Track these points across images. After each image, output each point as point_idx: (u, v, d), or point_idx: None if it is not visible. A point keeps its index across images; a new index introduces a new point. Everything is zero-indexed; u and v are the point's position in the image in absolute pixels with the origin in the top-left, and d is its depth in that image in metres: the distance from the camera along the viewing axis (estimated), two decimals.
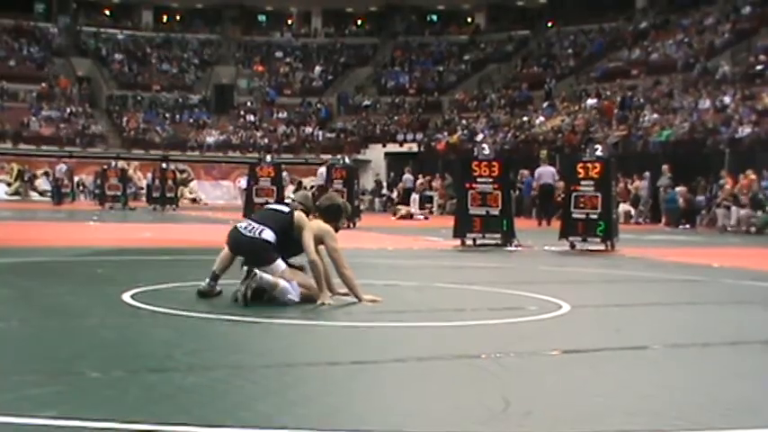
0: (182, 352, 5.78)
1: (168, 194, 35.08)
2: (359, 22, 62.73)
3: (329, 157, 38.46)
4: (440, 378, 5.30)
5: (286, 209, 8.61)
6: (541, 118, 42.46)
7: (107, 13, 60.94)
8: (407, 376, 5.35)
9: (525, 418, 4.37)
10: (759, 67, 35.39)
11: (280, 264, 8.09)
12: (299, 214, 8.40)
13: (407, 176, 37.68)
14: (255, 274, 7.81)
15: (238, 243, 8.28)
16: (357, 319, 7.44)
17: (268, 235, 8.17)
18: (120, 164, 38.59)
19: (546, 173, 27.34)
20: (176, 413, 4.23)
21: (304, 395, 4.68)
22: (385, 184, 43.46)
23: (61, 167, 40.00)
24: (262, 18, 62.89)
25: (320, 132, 52.05)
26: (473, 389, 4.98)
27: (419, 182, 35.88)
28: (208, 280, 8.31)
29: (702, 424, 4.31)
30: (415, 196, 33.54)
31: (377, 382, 5.16)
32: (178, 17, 61.72)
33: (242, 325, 7.03)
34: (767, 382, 5.44)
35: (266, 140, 50.47)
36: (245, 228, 8.30)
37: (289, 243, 8.23)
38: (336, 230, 8.40)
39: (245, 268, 7.97)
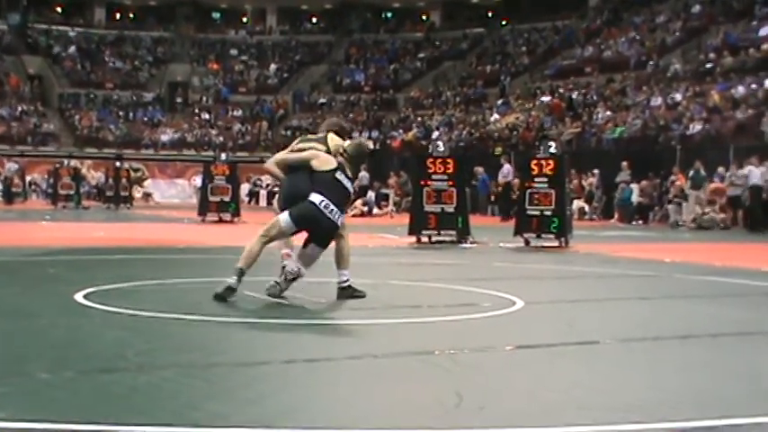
0: (134, 352, 5.73)
1: (122, 193, 34.79)
2: (314, 19, 62.61)
3: None
4: (394, 375, 5.31)
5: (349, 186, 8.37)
6: (496, 115, 42.66)
7: (58, 10, 60.22)
8: (362, 373, 5.36)
9: (478, 413, 4.40)
10: (709, 65, 35.81)
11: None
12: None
13: (363, 174, 37.67)
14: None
15: (318, 221, 7.94)
16: (312, 316, 7.43)
17: (341, 220, 8.12)
18: (74, 163, 38.21)
19: (511, 170, 27.78)
20: (128, 413, 4.19)
21: (258, 394, 4.67)
22: None
23: (11, 166, 39.53)
24: (216, 15, 62.56)
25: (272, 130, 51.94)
26: (427, 385, 5.00)
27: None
28: (235, 278, 7.90)
29: (654, 416, 4.36)
30: (371, 193, 33.58)
31: (332, 379, 5.16)
32: (131, 14, 61.23)
33: (196, 324, 6.99)
34: (716, 374, 5.51)
35: (221, 138, 50.23)
36: (326, 207, 7.97)
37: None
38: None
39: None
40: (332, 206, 7.98)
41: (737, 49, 35.59)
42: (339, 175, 8.16)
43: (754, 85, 31.49)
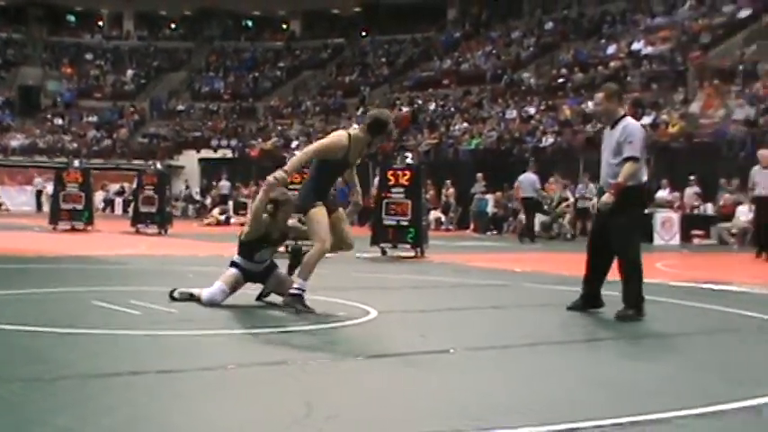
0: None
1: None
2: (173, 25, 61.70)
3: (141, 162, 37.72)
4: (245, 385, 5.31)
5: None
6: (355, 125, 42.85)
7: None
8: (212, 384, 5.33)
9: (327, 422, 4.44)
10: (561, 80, 36.95)
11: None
12: None
13: (224, 183, 37.38)
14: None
15: None
16: (162, 327, 7.35)
17: None
18: None
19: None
20: None
21: (106, 406, 4.61)
22: (198, 190, 42.94)
23: None
24: (70, 18, 60.94)
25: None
26: (277, 395, 5.03)
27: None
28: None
29: (500, 423, 4.48)
30: (230, 202, 33.36)
31: (181, 390, 5.13)
32: None
33: (42, 336, 6.81)
34: (562, 380, 5.70)
35: (75, 145, 48.94)
36: None
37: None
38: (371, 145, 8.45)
39: None
40: None
41: (587, 66, 36.88)
42: None
43: None
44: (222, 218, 31.30)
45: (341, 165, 8.31)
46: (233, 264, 8.67)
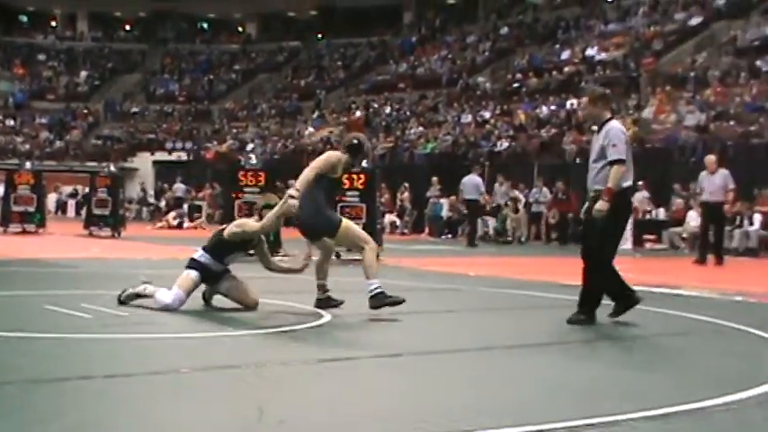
0: None
1: None
2: (128, 27, 61.23)
3: (95, 164, 37.37)
4: (195, 390, 5.28)
5: None
6: (311, 129, 42.88)
7: None
8: (163, 388, 5.29)
9: (278, 426, 4.43)
10: (516, 85, 37.18)
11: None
12: None
13: (178, 185, 37.14)
14: None
15: None
16: (113, 331, 7.28)
17: None
18: None
19: None
20: None
21: (54, 411, 4.55)
22: (152, 192, 42.62)
23: None
24: (23, 18, 60.23)
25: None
26: (229, 400, 5.00)
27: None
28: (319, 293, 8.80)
29: (447, 427, 4.49)
30: (185, 205, 33.16)
31: (130, 395, 5.08)
32: None
33: None
34: (511, 384, 5.73)
35: (27, 146, 48.36)
36: None
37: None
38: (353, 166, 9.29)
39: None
40: None
41: (542, 71, 37.15)
42: None
43: (554, 107, 32.94)
44: (175, 222, 31.05)
45: (335, 181, 8.86)
46: (192, 263, 8.61)
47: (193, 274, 8.54)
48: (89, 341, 6.85)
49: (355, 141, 8.97)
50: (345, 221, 8.84)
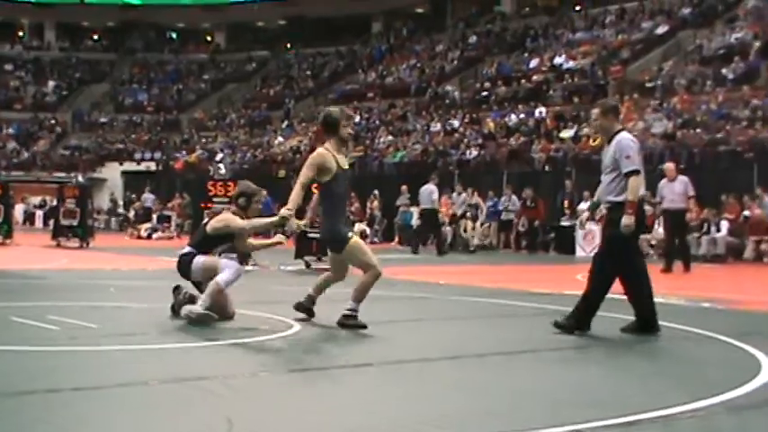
0: None
1: None
2: (95, 36, 60.91)
3: (63, 174, 37.14)
4: (164, 401, 5.25)
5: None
6: (280, 138, 42.82)
7: None
8: (131, 401, 5.26)
9: None
10: (484, 94, 37.32)
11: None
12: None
13: (147, 195, 36.94)
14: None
15: None
16: (80, 343, 7.23)
17: None
18: None
19: None
20: None
21: (20, 424, 4.52)
22: (121, 203, 42.38)
23: None
24: None
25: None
26: (198, 411, 4.98)
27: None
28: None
29: None
30: (153, 216, 32.99)
31: (98, 408, 5.04)
32: None
33: None
34: (478, 392, 5.75)
35: None
36: None
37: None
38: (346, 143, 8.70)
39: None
40: None
41: (510, 80, 37.31)
42: None
43: (522, 115, 33.11)
44: (145, 234, 30.88)
45: (341, 176, 8.50)
46: (183, 257, 8.88)
47: (202, 258, 8.75)
48: (56, 353, 6.81)
49: (324, 117, 8.69)
50: (355, 239, 8.58)
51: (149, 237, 30.47)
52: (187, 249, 8.87)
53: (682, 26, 35.43)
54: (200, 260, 8.67)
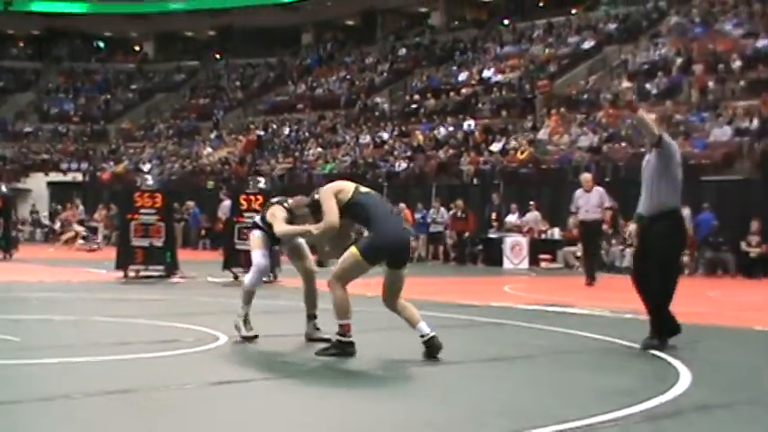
0: None
1: None
2: (20, 44, 59.92)
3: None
4: (86, 415, 5.20)
5: None
6: (209, 149, 42.56)
7: None
8: (53, 416, 5.20)
9: None
10: (414, 106, 37.54)
11: None
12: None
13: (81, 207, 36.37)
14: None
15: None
16: (1, 356, 7.11)
17: None
18: None
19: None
20: None
21: None
22: (47, 214, 41.70)
23: None
24: None
25: None
26: (121, 425, 4.95)
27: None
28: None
29: None
30: (80, 227, 32.53)
31: (17, 423, 4.97)
32: None
33: None
34: (395, 403, 5.78)
35: None
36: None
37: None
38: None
39: None
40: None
41: (439, 92, 37.59)
42: None
43: (451, 128, 33.35)
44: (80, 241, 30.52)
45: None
46: (254, 226, 8.81)
47: (257, 233, 8.68)
48: None
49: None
50: (352, 249, 8.41)
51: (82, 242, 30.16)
52: (257, 217, 8.95)
53: (607, 41, 36.05)
54: (253, 234, 8.74)
